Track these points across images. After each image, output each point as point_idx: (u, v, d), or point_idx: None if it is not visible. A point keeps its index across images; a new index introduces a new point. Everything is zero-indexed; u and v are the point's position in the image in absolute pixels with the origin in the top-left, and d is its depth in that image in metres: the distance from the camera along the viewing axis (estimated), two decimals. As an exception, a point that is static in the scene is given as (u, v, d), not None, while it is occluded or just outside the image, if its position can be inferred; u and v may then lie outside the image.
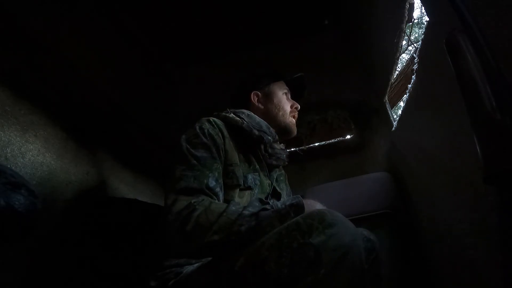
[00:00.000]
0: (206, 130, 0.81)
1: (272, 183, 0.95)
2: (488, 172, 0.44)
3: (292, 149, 1.90)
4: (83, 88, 1.17)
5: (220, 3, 1.13)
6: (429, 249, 1.18)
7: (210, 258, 0.70)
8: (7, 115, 0.86)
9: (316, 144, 1.90)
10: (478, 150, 0.46)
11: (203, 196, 0.69)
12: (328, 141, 1.92)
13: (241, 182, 0.82)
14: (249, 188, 0.85)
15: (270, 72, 1.09)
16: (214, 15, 1.18)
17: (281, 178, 1.07)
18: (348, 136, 1.88)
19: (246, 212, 0.64)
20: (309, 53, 1.43)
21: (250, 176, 0.86)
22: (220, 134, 0.83)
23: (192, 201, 0.66)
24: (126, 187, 1.41)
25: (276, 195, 0.96)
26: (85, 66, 1.15)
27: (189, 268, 0.74)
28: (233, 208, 0.65)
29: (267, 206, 0.66)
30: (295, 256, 0.54)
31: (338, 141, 1.90)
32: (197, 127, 0.82)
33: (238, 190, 0.82)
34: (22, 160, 0.88)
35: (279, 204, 0.67)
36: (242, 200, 0.82)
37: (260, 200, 0.70)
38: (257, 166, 0.91)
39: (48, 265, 0.90)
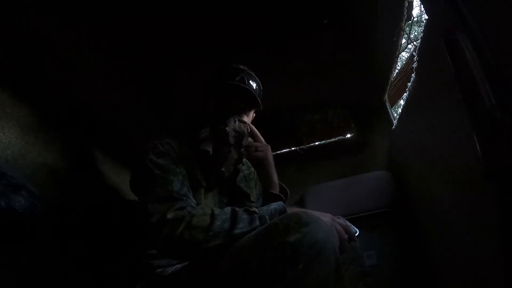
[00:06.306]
0: (163, 141, 0.85)
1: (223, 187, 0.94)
2: (488, 170, 0.44)
3: (292, 149, 1.90)
4: (83, 89, 1.17)
5: (220, 4, 1.13)
6: (429, 247, 1.18)
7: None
8: (7, 117, 0.86)
9: (316, 143, 1.90)
10: (478, 148, 0.46)
11: (179, 203, 0.71)
12: (328, 140, 1.92)
13: (204, 183, 0.85)
14: (211, 188, 0.87)
15: (215, 79, 0.98)
16: (214, 15, 1.18)
17: (250, 176, 1.04)
18: (348, 135, 1.88)
19: (237, 231, 0.67)
20: (308, 52, 1.42)
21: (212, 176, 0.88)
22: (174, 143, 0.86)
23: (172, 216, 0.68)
24: (127, 188, 1.41)
25: (244, 196, 0.97)
26: (86, 67, 1.15)
27: (173, 270, 0.76)
28: (218, 223, 0.68)
29: (256, 222, 0.70)
30: (274, 254, 0.57)
31: (338, 140, 1.90)
32: (153, 140, 0.86)
33: (203, 191, 0.85)
34: (22, 161, 0.88)
35: (266, 216, 0.72)
36: (207, 202, 0.84)
37: (247, 211, 0.72)
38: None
39: (48, 266, 0.90)
